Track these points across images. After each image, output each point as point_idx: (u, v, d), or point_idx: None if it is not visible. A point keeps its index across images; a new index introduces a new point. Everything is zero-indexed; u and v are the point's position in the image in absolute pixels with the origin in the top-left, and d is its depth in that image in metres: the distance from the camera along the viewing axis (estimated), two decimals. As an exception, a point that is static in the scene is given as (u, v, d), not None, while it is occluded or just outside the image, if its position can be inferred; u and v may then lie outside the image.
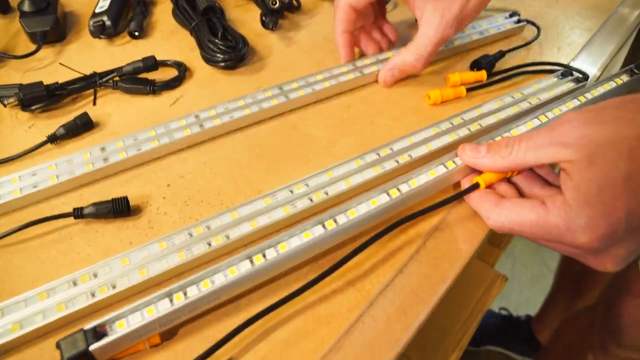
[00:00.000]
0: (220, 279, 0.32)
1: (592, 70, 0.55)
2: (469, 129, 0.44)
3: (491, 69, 0.53)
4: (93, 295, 0.32)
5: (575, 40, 0.60)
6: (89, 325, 0.29)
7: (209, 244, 0.35)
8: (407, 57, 0.48)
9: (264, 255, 0.33)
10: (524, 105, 0.47)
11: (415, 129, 0.44)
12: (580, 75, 0.51)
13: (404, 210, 0.38)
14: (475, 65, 0.53)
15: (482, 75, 0.52)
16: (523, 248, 1.58)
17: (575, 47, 0.58)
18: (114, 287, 0.33)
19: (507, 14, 0.61)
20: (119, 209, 0.38)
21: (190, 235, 0.36)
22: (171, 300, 0.31)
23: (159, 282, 0.34)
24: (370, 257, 0.36)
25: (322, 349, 0.32)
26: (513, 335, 1.29)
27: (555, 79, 0.51)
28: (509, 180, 0.38)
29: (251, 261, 0.33)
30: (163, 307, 0.31)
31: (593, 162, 0.30)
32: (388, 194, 0.37)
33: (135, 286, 0.33)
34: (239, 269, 0.33)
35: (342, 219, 0.36)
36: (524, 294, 1.44)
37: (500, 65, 0.54)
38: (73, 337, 0.29)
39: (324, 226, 0.35)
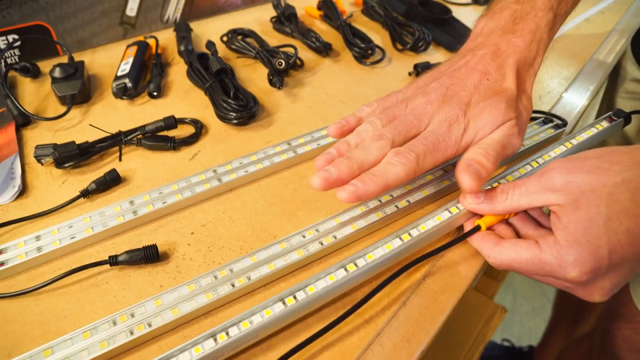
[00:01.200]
0: (257, 320, 0.36)
1: (571, 116, 0.61)
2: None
3: None
4: (132, 333, 0.37)
5: (555, 88, 0.66)
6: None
7: (233, 285, 0.39)
8: (474, 151, 0.40)
9: (295, 297, 0.38)
10: None
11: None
12: (560, 122, 0.57)
13: (414, 252, 0.43)
14: None
15: None
16: (523, 280, 1.61)
17: (555, 95, 0.64)
18: (149, 325, 0.37)
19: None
20: (150, 256, 0.42)
21: (216, 277, 0.40)
22: (215, 340, 0.35)
23: (189, 320, 0.39)
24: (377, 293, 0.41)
25: (337, 377, 0.36)
26: (516, 367, 1.31)
27: (537, 126, 0.57)
28: (507, 222, 0.43)
29: (284, 303, 0.37)
30: (208, 346, 0.35)
31: (578, 207, 0.35)
32: (401, 238, 0.42)
33: (169, 324, 0.37)
34: (273, 310, 0.37)
35: (361, 262, 0.40)
36: (525, 325, 1.46)
37: None
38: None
39: (346, 269, 0.39)
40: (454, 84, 0.44)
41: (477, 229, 0.42)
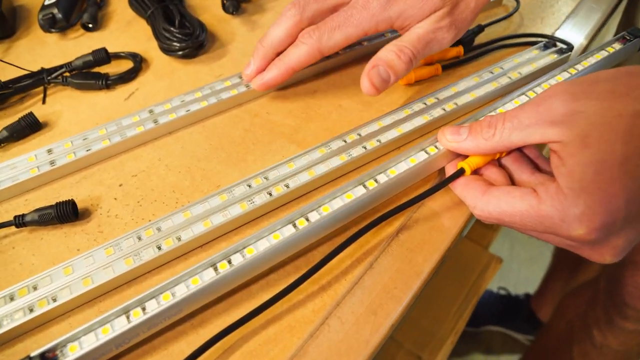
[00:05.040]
0: (181, 290, 0.29)
1: (579, 40, 0.52)
2: (444, 109, 0.41)
3: (470, 44, 0.50)
4: (31, 310, 0.30)
5: (560, 9, 0.56)
6: (36, 352, 0.27)
7: (159, 248, 0.32)
8: (388, 50, 0.38)
9: (230, 262, 0.30)
10: (504, 81, 0.44)
11: (387, 112, 0.41)
12: (564, 46, 0.48)
13: (382, 203, 0.36)
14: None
15: (459, 50, 0.48)
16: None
17: (560, 17, 0.55)
18: (54, 300, 0.30)
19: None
20: (65, 214, 0.35)
21: (139, 238, 0.33)
22: (128, 317, 0.28)
23: (107, 291, 0.32)
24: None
25: (285, 356, 0.29)
26: (513, 314, 1.28)
27: (537, 51, 0.48)
28: (498, 163, 0.35)
29: (215, 269, 0.30)
30: (119, 325, 0.28)
31: (587, 144, 0.27)
32: (365, 185, 0.34)
33: (79, 297, 0.30)
34: (202, 278, 0.30)
35: (314, 217, 0.32)
36: (522, 273, 1.42)
37: (480, 40, 0.51)
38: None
39: (294, 225, 0.32)
40: None
41: (460, 172, 0.34)
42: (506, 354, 1.29)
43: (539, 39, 0.50)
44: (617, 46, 0.46)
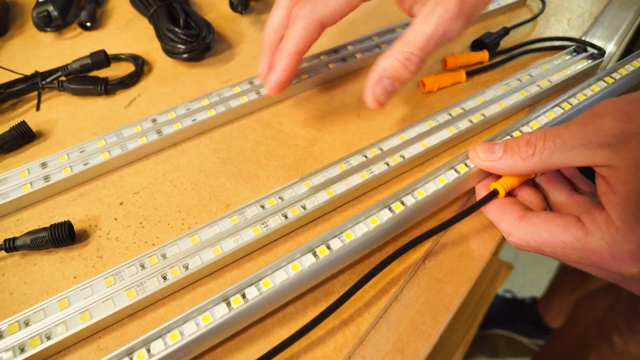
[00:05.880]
0: (191, 329, 0.26)
1: (610, 43, 0.48)
2: (470, 121, 0.38)
3: (495, 48, 0.47)
4: (22, 350, 0.27)
5: (587, 10, 0.53)
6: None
7: (165, 278, 0.29)
8: (394, 58, 0.33)
9: (244, 296, 0.27)
10: (533, 90, 0.41)
11: (408, 122, 0.38)
12: (596, 51, 0.44)
13: (409, 228, 0.33)
14: (477, 45, 0.46)
15: (483, 55, 0.45)
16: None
17: (588, 19, 0.52)
18: (48, 338, 0.27)
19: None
20: (60, 238, 0.32)
21: (143, 266, 0.30)
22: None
23: (108, 326, 0.29)
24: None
25: (304, 403, 0.26)
26: (519, 318, 1.26)
27: (567, 57, 0.44)
28: (532, 182, 0.32)
29: (228, 304, 0.27)
30: None
31: None
32: (390, 208, 0.31)
33: (75, 335, 0.27)
34: (213, 315, 0.27)
35: (336, 244, 0.29)
36: (528, 275, 1.39)
37: (505, 43, 0.47)
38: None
39: (315, 254, 0.29)
40: None
41: (493, 194, 0.31)
42: (511, 357, 1.27)
43: (568, 43, 0.47)
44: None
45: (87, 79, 0.43)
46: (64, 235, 0.32)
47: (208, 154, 0.38)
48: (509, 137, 0.35)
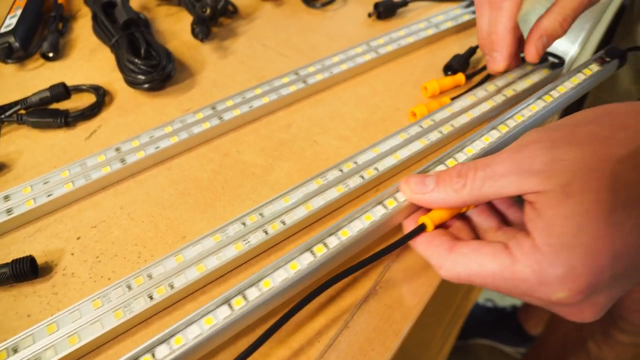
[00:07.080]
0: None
1: (571, 52, 0.51)
2: (441, 132, 0.40)
3: (466, 68, 0.48)
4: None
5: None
6: None
7: (126, 311, 0.29)
8: (553, 19, 0.40)
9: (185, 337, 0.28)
10: (499, 99, 0.43)
11: (365, 146, 0.39)
12: (556, 60, 0.47)
13: (336, 267, 0.32)
14: (449, 69, 0.48)
15: (460, 79, 0.47)
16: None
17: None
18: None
19: (463, 4, 0.56)
20: (22, 273, 0.32)
21: (103, 304, 0.30)
22: None
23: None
24: (308, 310, 0.31)
25: None
26: (501, 327, 1.27)
27: (530, 67, 0.46)
28: (462, 214, 0.32)
29: (169, 345, 0.27)
30: None
31: (568, 193, 0.24)
32: (312, 252, 0.31)
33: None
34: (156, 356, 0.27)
35: (253, 293, 0.29)
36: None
37: (475, 62, 0.50)
38: None
39: (230, 306, 0.28)
40: None
41: (421, 228, 0.30)
42: (494, 366, 1.28)
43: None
44: (595, 68, 0.44)
45: (47, 111, 0.43)
46: (25, 270, 0.32)
47: (166, 185, 0.39)
48: (442, 165, 0.35)
